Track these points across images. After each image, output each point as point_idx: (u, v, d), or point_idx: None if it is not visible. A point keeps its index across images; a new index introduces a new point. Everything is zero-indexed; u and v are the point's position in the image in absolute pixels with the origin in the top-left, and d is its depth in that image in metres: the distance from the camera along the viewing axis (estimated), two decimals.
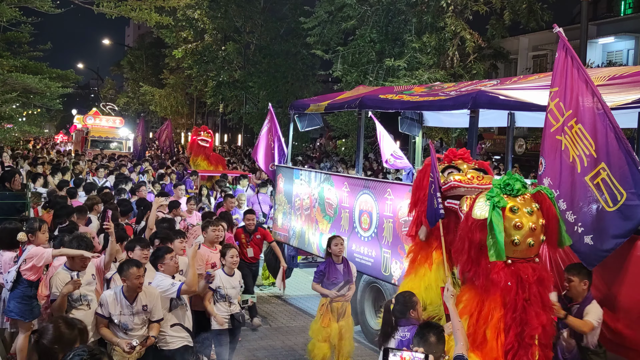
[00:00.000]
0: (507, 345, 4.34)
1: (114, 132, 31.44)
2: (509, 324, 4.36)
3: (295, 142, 18.37)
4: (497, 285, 4.38)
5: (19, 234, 6.13)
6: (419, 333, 4.04)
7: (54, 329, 3.21)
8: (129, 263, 5.36)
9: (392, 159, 10.29)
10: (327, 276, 6.70)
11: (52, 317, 5.47)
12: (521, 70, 24.75)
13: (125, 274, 5.25)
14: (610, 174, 4.66)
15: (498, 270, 4.37)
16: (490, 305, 4.41)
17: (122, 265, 5.40)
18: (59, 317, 3.51)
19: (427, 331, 4.00)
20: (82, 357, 2.73)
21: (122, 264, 5.44)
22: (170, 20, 17.80)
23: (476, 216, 4.40)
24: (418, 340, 3.96)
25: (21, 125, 21.24)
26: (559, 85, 4.94)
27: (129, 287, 5.27)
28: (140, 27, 58.09)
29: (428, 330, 4.01)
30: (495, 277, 4.38)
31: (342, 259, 6.84)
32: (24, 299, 5.89)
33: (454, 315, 4.19)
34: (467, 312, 4.51)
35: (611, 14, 24.45)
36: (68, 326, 3.28)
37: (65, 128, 58.51)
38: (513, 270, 4.38)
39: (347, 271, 6.79)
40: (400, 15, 17.18)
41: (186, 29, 30.85)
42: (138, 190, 10.97)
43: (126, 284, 5.27)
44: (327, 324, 6.60)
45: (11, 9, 14.12)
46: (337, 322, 6.66)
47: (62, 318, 3.44)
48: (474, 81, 10.00)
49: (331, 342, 6.61)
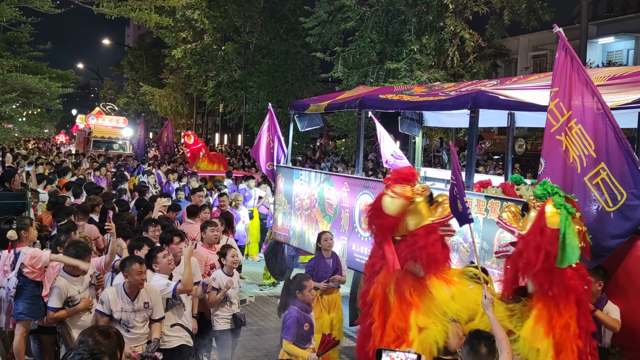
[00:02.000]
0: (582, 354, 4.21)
1: (117, 132, 30.80)
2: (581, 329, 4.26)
3: (295, 142, 18.37)
4: (575, 291, 4.24)
5: (9, 232, 6.13)
6: (468, 343, 3.72)
7: (94, 342, 3.14)
8: (132, 259, 5.35)
9: (393, 159, 10.27)
10: (316, 271, 6.95)
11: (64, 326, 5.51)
12: (520, 70, 24.77)
13: (128, 270, 5.23)
14: (610, 174, 4.66)
15: (572, 276, 4.25)
16: (567, 313, 4.25)
17: (124, 261, 5.38)
18: (93, 328, 3.40)
19: (477, 341, 3.68)
20: (83, 356, 2.73)
21: (125, 259, 5.43)
22: (169, 20, 17.80)
23: (553, 225, 4.26)
24: (467, 351, 3.67)
25: (21, 125, 21.22)
26: (559, 86, 4.94)
27: (131, 283, 5.25)
28: (140, 27, 58.08)
29: (479, 341, 3.68)
30: (572, 283, 4.24)
31: (331, 254, 7.15)
32: (32, 299, 5.92)
33: (495, 324, 4.04)
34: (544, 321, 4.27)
35: (611, 14, 24.46)
36: (105, 336, 3.22)
37: (65, 128, 58.55)
38: (581, 274, 4.31)
39: (335, 265, 7.09)
40: (400, 16, 17.19)
41: (185, 29, 30.83)
42: (140, 191, 11.00)
43: (128, 280, 5.25)
44: (319, 315, 6.72)
45: (11, 9, 14.11)
46: (328, 314, 6.89)
47: (96, 329, 3.36)
48: (474, 81, 10.00)
49: (323, 333, 6.67)
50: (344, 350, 7.88)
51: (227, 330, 6.38)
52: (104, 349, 2.97)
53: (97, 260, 6.29)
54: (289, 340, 5.42)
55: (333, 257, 7.13)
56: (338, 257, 7.24)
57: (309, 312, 5.68)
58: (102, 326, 3.61)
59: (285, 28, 27.89)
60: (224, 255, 6.48)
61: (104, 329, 3.35)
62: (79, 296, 5.57)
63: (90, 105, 60.83)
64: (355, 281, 8.56)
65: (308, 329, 5.57)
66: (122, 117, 34.67)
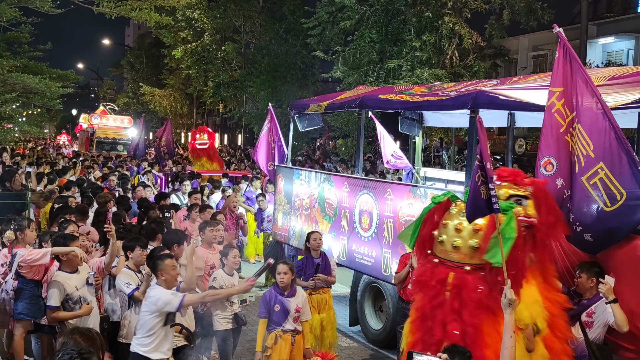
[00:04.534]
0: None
1: (121, 132, 29.51)
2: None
3: (295, 142, 18.37)
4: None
5: (7, 233, 6.13)
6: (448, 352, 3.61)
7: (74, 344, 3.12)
8: (162, 257, 5.21)
9: (393, 159, 10.28)
10: (304, 271, 6.99)
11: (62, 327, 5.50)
12: (520, 70, 24.78)
13: (162, 267, 5.09)
14: (609, 173, 4.67)
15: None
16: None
17: (155, 261, 5.19)
18: (75, 330, 3.37)
19: (451, 356, 3.55)
20: (72, 355, 2.73)
21: (155, 258, 5.23)
22: (170, 20, 17.81)
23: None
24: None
25: (21, 125, 21.28)
26: (564, 86, 4.95)
27: (168, 281, 5.12)
28: (140, 27, 58.12)
29: (452, 355, 3.55)
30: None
31: (320, 254, 7.16)
32: (32, 299, 5.92)
33: (508, 330, 3.74)
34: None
35: (611, 14, 24.47)
36: (86, 338, 3.20)
37: (65, 128, 58.49)
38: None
39: (324, 265, 7.08)
40: (400, 16, 17.20)
41: (185, 29, 30.82)
42: (135, 191, 11.01)
43: (164, 278, 5.10)
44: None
45: (11, 9, 14.13)
46: (318, 314, 6.89)
47: (77, 331, 3.33)
48: (474, 81, 10.00)
49: (313, 332, 6.73)
50: (344, 350, 7.88)
51: (228, 330, 6.38)
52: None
53: (97, 261, 6.29)
54: (259, 317, 5.97)
55: (322, 257, 7.15)
56: (327, 257, 7.24)
57: (287, 297, 5.92)
58: (84, 328, 3.58)
59: (284, 28, 27.90)
60: (226, 255, 6.46)
61: (85, 331, 3.33)
62: (77, 293, 5.56)
63: (90, 105, 60.84)
64: (356, 281, 8.56)
65: (279, 310, 5.87)
66: (127, 117, 33.53)
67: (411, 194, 7.21)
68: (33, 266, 5.81)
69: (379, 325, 8.12)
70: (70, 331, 3.34)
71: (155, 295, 4.97)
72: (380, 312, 8.24)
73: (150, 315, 4.96)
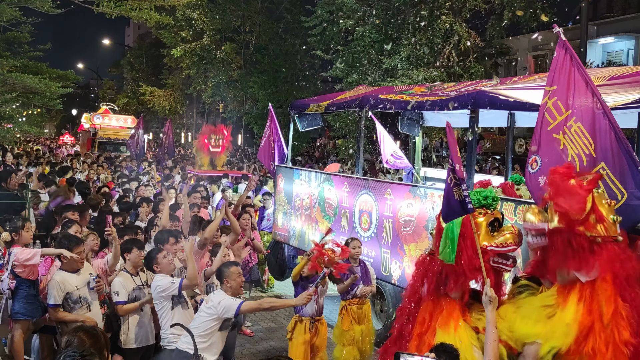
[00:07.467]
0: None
1: (125, 132, 28.52)
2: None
3: (295, 142, 18.35)
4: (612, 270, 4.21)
5: (2, 234, 6.12)
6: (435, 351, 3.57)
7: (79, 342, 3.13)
8: (227, 264, 5.30)
9: (393, 159, 10.28)
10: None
11: (65, 326, 5.49)
12: (520, 70, 24.78)
13: (227, 274, 5.17)
14: (610, 173, 4.65)
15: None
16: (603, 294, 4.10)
17: (220, 269, 5.31)
18: (79, 328, 3.37)
19: (438, 355, 3.48)
20: (74, 357, 2.73)
21: (221, 266, 5.36)
22: (170, 19, 17.80)
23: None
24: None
25: (21, 125, 21.25)
26: (557, 84, 4.92)
27: (234, 287, 5.18)
28: (140, 27, 58.12)
29: (439, 354, 3.49)
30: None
31: (359, 262, 6.76)
32: (28, 298, 5.93)
33: (491, 326, 3.78)
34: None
35: (611, 14, 24.47)
36: (90, 336, 3.20)
37: (65, 128, 58.45)
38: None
39: (364, 274, 6.72)
40: (400, 15, 17.19)
41: (185, 28, 30.81)
42: (137, 191, 10.99)
43: (229, 285, 5.17)
44: (349, 327, 6.50)
45: (11, 9, 14.14)
46: (358, 325, 6.57)
47: (81, 329, 3.33)
48: (474, 81, 9.99)
49: (356, 345, 6.51)
50: None
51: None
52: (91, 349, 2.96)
53: (100, 262, 6.27)
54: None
55: (361, 265, 6.68)
56: (366, 266, 6.78)
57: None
58: (88, 326, 3.58)
59: (283, 27, 27.89)
60: (215, 254, 6.42)
61: (89, 329, 3.32)
62: (77, 292, 5.55)
63: (90, 105, 60.77)
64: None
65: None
66: (130, 117, 32.50)
67: (411, 194, 7.21)
68: (27, 266, 5.82)
69: (379, 326, 8.11)
70: (74, 329, 3.33)
71: (217, 300, 5.04)
72: (380, 312, 8.24)
73: (209, 318, 5.03)
